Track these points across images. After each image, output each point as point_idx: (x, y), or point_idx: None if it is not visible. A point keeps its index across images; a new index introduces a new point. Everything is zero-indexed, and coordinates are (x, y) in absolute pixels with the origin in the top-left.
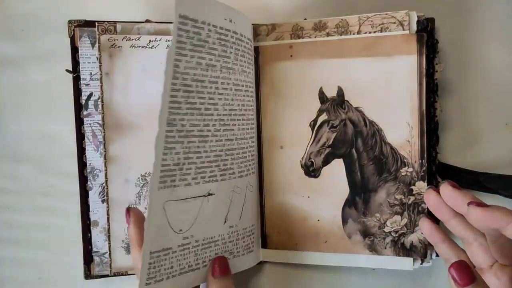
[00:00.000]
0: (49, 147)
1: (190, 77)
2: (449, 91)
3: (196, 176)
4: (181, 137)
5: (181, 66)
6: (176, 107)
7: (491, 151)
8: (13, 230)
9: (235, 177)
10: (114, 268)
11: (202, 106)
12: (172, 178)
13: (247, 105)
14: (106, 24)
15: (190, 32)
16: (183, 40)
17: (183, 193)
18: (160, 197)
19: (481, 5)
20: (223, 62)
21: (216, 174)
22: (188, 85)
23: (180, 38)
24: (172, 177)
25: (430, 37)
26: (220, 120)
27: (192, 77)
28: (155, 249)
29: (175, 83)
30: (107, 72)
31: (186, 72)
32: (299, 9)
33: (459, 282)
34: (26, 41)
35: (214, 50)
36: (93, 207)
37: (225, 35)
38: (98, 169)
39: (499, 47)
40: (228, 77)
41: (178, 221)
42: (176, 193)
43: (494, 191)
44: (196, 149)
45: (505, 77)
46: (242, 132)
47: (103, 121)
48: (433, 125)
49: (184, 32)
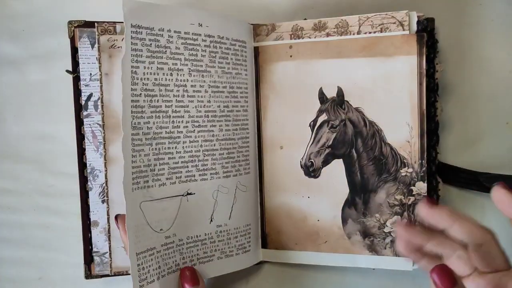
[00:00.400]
0: (49, 147)
1: (151, 82)
2: (449, 91)
3: (170, 176)
4: (149, 139)
5: (139, 72)
6: (140, 111)
7: (491, 151)
8: (13, 230)
9: (219, 177)
10: (115, 268)
11: (169, 108)
12: (144, 179)
13: (236, 106)
14: (106, 24)
15: (146, 40)
16: (138, 47)
17: (158, 193)
18: (134, 198)
19: (481, 5)
20: (193, 66)
21: (194, 174)
22: (150, 90)
23: (134, 46)
24: (145, 178)
25: (430, 37)
26: (194, 122)
27: (154, 82)
28: (140, 250)
29: (135, 88)
30: (106, 73)
31: (146, 78)
32: (299, 9)
33: (440, 286)
34: (26, 41)
35: (178, 55)
36: (93, 208)
37: (193, 39)
38: (98, 169)
39: (499, 47)
40: (201, 80)
41: (157, 221)
42: (150, 193)
43: None
44: (167, 150)
45: (505, 76)
46: (227, 133)
47: (103, 121)
48: (433, 125)
49: (138, 40)
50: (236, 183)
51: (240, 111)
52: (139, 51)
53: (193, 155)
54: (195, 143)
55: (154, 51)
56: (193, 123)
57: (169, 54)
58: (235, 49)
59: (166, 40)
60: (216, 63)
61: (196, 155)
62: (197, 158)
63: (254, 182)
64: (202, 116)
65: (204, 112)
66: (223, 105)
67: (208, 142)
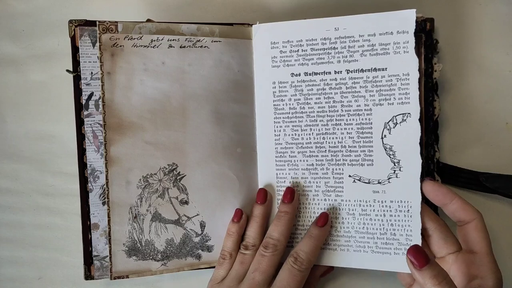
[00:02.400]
0: (49, 147)
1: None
2: (448, 90)
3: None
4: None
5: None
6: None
7: (491, 150)
8: (13, 230)
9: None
10: (115, 272)
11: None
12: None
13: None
14: (107, 23)
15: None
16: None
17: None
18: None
19: (481, 5)
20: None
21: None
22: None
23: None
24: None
25: (428, 37)
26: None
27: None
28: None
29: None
30: (108, 72)
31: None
32: (299, 9)
33: (416, 264)
34: (26, 41)
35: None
36: (93, 210)
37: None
38: (98, 170)
39: (499, 47)
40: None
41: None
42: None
43: (494, 190)
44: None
45: (504, 76)
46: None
47: (104, 121)
48: (432, 124)
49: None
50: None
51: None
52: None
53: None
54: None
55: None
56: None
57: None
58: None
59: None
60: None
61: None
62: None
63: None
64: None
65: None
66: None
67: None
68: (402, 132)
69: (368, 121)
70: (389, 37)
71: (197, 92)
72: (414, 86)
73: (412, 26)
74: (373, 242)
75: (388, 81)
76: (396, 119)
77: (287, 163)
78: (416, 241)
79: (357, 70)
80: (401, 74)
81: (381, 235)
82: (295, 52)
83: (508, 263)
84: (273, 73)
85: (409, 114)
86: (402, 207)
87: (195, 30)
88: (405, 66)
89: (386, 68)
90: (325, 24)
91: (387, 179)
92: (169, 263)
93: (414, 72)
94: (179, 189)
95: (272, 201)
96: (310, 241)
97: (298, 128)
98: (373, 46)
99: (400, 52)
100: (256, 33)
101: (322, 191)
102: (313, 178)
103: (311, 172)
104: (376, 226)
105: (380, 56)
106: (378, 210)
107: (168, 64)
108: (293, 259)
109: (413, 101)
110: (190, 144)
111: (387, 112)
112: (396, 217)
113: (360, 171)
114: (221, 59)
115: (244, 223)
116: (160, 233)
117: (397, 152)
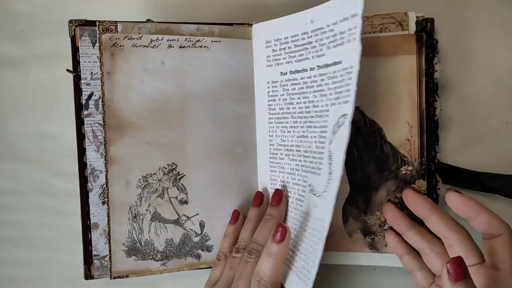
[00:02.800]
0: (49, 147)
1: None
2: (449, 90)
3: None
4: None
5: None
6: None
7: (491, 150)
8: (14, 230)
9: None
10: (115, 272)
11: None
12: None
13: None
14: (107, 23)
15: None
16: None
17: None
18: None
19: (481, 5)
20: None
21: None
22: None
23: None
24: None
25: (429, 37)
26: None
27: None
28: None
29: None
30: (108, 72)
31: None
32: (299, 9)
33: (452, 277)
34: (26, 41)
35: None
36: (93, 209)
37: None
38: (98, 170)
39: (499, 47)
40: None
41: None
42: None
43: (494, 190)
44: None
45: (505, 76)
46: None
47: (104, 121)
48: (432, 124)
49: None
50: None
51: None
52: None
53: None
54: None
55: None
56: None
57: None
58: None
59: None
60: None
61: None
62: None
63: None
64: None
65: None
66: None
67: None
68: (341, 137)
69: (325, 123)
70: (345, 23)
71: (196, 92)
72: (354, 81)
73: (360, 7)
74: (297, 263)
75: (341, 76)
76: (339, 121)
77: (277, 165)
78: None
79: (324, 65)
80: (349, 67)
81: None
82: (283, 50)
83: None
84: (267, 73)
85: (346, 115)
86: (320, 228)
87: (195, 30)
88: (351, 57)
89: (341, 61)
90: (304, 17)
91: (322, 192)
92: (169, 263)
93: (356, 64)
94: (178, 189)
95: (268, 204)
96: (270, 261)
97: (285, 130)
98: (335, 36)
99: (350, 40)
100: (254, 33)
101: (296, 199)
102: (293, 183)
103: (292, 177)
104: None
105: (339, 47)
106: (309, 227)
107: (168, 64)
108: (256, 283)
109: (352, 99)
110: (190, 144)
111: (336, 113)
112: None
113: (315, 180)
114: (221, 59)
115: (240, 224)
116: (159, 233)
117: (334, 161)
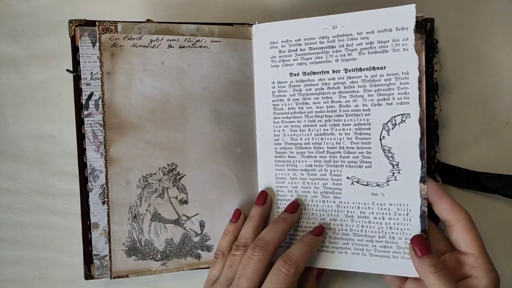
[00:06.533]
0: (49, 147)
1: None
2: (448, 90)
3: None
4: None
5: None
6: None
7: (491, 151)
8: (14, 230)
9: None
10: (115, 272)
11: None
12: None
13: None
14: (107, 23)
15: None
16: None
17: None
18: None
19: (481, 5)
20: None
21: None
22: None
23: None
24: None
25: (429, 37)
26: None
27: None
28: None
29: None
30: (108, 72)
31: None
32: (299, 9)
33: (418, 252)
34: (26, 41)
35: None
36: (93, 209)
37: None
38: (98, 170)
39: (499, 47)
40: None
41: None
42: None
43: (494, 190)
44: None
45: (504, 76)
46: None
47: (104, 121)
48: (432, 124)
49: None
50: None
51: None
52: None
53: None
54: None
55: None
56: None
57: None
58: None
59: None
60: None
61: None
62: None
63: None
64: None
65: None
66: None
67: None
68: (401, 134)
69: (366, 121)
70: (388, 34)
71: (196, 92)
72: (414, 85)
73: (412, 23)
74: (372, 245)
75: (387, 80)
76: (395, 120)
77: (286, 163)
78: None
79: (355, 69)
80: (400, 73)
81: (379, 238)
82: (294, 52)
83: (508, 263)
84: (273, 73)
85: (409, 114)
86: (401, 210)
87: (195, 30)
88: (405, 64)
89: (385, 67)
90: (323, 22)
91: (386, 182)
92: (169, 263)
93: (414, 71)
94: (178, 188)
95: (272, 203)
96: (303, 246)
97: (296, 129)
98: (371, 44)
99: (399, 50)
100: (255, 33)
101: (321, 192)
102: (312, 179)
103: (310, 173)
104: (375, 229)
105: (379, 54)
106: (377, 213)
107: (168, 64)
108: (282, 261)
109: (412, 101)
110: (190, 143)
111: (385, 113)
112: (395, 220)
113: (359, 173)
114: (220, 59)
115: (241, 223)
116: (159, 233)
117: (396, 154)
